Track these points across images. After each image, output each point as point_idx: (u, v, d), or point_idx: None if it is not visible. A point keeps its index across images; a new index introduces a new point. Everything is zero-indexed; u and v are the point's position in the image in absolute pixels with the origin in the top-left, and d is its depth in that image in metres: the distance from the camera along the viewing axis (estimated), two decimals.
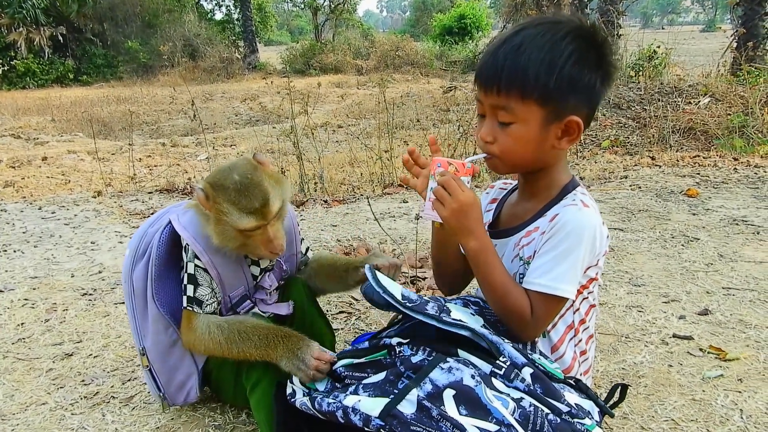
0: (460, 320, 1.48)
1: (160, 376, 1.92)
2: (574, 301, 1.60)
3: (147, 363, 1.92)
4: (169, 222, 1.86)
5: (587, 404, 1.46)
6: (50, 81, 23.82)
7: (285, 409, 1.59)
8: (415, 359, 1.39)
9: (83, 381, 2.30)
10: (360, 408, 1.31)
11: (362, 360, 1.48)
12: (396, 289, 1.54)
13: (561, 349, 1.66)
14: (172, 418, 2.02)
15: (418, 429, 1.25)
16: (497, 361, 1.42)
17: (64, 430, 1.99)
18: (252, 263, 1.94)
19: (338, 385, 1.49)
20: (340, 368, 1.51)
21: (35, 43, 23.99)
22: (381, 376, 1.41)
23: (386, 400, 1.30)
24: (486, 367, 1.42)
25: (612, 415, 1.54)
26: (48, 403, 2.15)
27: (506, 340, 1.48)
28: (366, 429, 1.30)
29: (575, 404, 1.41)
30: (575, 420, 1.37)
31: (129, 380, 2.29)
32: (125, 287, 1.93)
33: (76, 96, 17.98)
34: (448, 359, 1.35)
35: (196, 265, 1.80)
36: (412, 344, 1.45)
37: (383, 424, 1.27)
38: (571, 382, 1.52)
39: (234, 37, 28.12)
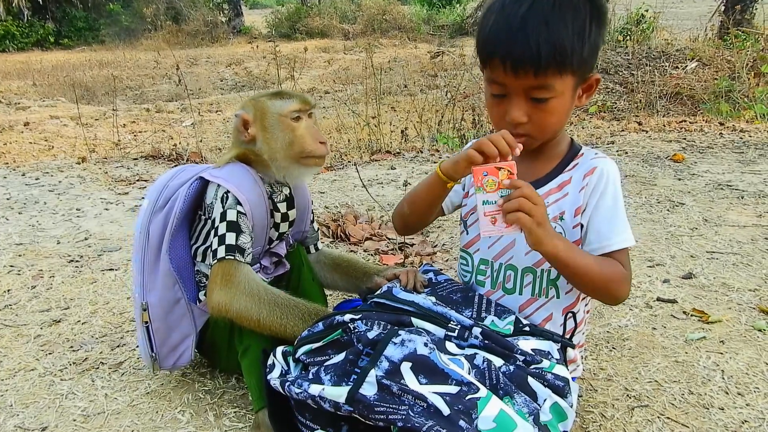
0: (409, 300, 1.56)
1: (157, 335, 1.89)
2: None
3: (147, 319, 1.88)
4: (197, 177, 1.85)
5: (546, 345, 1.49)
6: (30, 44, 23.16)
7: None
8: (371, 334, 1.39)
9: (72, 347, 2.30)
10: (326, 396, 1.32)
11: (321, 343, 1.48)
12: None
13: (575, 309, 1.66)
14: (162, 384, 2.03)
15: (382, 408, 1.26)
16: (449, 325, 1.47)
17: (54, 395, 1.99)
18: (273, 226, 1.94)
19: (304, 373, 1.49)
20: (302, 356, 1.51)
21: (14, 4, 23.36)
22: (341, 356, 1.41)
23: (348, 388, 1.30)
24: (440, 332, 1.46)
25: (572, 346, 1.57)
26: (37, 369, 2.15)
27: (451, 309, 1.54)
28: (339, 413, 1.32)
29: (531, 350, 1.45)
30: (531, 366, 1.41)
31: (118, 346, 2.30)
32: (139, 239, 1.89)
33: (57, 60, 17.59)
34: (400, 332, 1.36)
35: (238, 212, 1.78)
36: (365, 319, 1.46)
37: (352, 409, 1.29)
38: (526, 329, 1.54)
39: (219, 0, 27.55)
